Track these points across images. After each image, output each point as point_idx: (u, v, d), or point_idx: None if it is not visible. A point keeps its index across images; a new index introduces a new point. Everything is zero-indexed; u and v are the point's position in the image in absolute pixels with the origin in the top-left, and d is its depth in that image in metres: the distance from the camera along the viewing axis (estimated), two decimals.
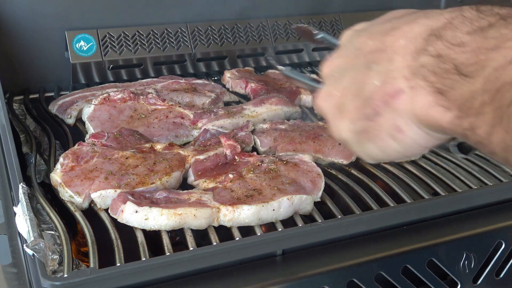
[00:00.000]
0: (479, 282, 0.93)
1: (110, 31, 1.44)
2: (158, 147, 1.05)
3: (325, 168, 1.08)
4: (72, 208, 0.91)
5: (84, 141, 1.06)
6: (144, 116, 1.19)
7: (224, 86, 1.45)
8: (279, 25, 1.62)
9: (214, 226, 0.88)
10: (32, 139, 1.14)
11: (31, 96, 1.38)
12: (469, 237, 0.91)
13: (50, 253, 0.78)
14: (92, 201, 0.92)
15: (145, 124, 1.17)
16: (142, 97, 1.23)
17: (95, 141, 1.04)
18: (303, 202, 0.93)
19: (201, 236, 0.87)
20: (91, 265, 0.78)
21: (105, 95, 1.21)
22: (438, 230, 0.92)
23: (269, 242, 0.83)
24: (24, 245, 0.78)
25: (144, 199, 0.89)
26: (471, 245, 0.91)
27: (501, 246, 0.93)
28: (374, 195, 0.99)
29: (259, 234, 0.86)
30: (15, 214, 0.86)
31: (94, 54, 1.42)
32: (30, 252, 0.77)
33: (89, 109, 1.18)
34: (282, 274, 0.81)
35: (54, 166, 0.98)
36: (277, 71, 1.54)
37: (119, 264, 0.78)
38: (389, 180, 1.04)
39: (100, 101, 1.20)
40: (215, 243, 0.84)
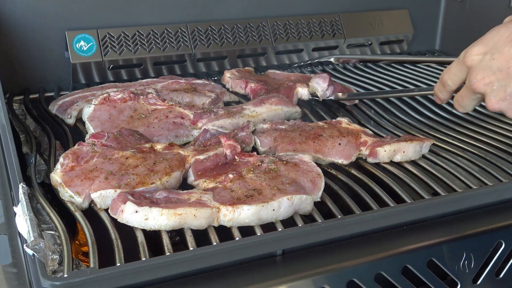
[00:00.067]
0: (479, 282, 0.93)
1: (110, 31, 1.44)
2: (158, 147, 1.05)
3: (325, 168, 1.08)
4: (72, 208, 0.91)
5: (84, 141, 1.06)
6: (144, 116, 1.19)
7: (224, 86, 1.45)
8: (279, 25, 1.62)
9: (214, 226, 0.88)
10: (32, 139, 1.14)
11: (31, 96, 1.39)
12: (469, 237, 0.91)
13: (50, 253, 0.78)
14: (92, 201, 0.92)
15: (145, 124, 1.17)
16: (142, 97, 1.23)
17: (95, 141, 1.05)
18: (303, 202, 0.93)
19: (201, 236, 0.87)
20: (91, 265, 0.78)
21: (105, 95, 1.21)
22: (438, 230, 0.92)
23: (269, 242, 0.83)
24: (24, 245, 0.78)
25: (144, 199, 0.89)
26: (471, 245, 0.91)
27: (501, 246, 0.93)
28: (374, 195, 0.99)
29: (259, 234, 0.86)
30: (15, 214, 0.86)
31: (94, 54, 1.42)
32: (30, 252, 0.76)
33: (89, 109, 1.18)
34: (282, 274, 0.81)
35: (54, 166, 0.98)
36: (277, 71, 1.54)
37: (119, 264, 0.78)
38: (389, 180, 1.04)
39: (100, 101, 1.20)
40: (215, 243, 0.84)
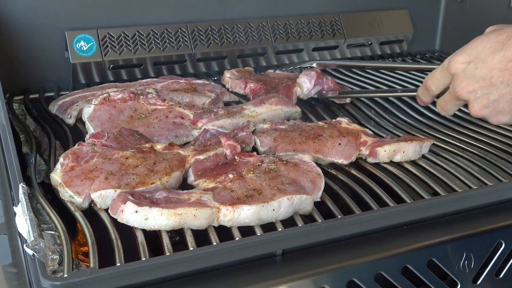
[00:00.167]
0: (479, 282, 0.93)
1: (110, 31, 1.44)
2: (158, 147, 1.05)
3: (325, 168, 1.08)
4: (72, 208, 0.91)
5: (84, 141, 1.06)
6: (144, 116, 1.19)
7: (224, 86, 1.45)
8: (279, 25, 1.62)
9: (214, 226, 0.88)
10: (32, 139, 1.14)
11: (31, 96, 1.38)
12: (469, 237, 0.91)
13: (50, 253, 0.78)
14: (92, 201, 0.92)
15: (145, 124, 1.17)
16: (142, 97, 1.23)
17: (95, 141, 1.04)
18: (303, 202, 0.93)
19: (201, 236, 0.87)
20: (91, 265, 0.78)
21: (105, 95, 1.21)
22: (438, 230, 0.92)
23: (269, 242, 0.83)
24: (24, 245, 0.78)
25: (144, 199, 0.89)
26: (471, 245, 0.91)
27: (501, 246, 0.93)
28: (374, 195, 0.99)
29: (259, 234, 0.86)
30: (15, 214, 0.86)
31: (94, 54, 1.42)
32: (30, 252, 0.76)
33: (89, 109, 1.18)
34: (282, 274, 0.81)
35: (54, 166, 0.98)
36: (277, 71, 1.54)
37: (119, 264, 0.78)
38: (389, 180, 1.04)
39: (100, 101, 1.20)
40: (215, 243, 0.84)
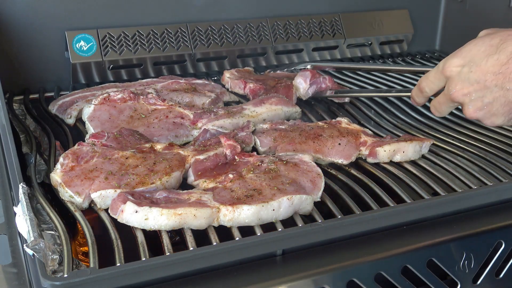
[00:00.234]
0: (479, 282, 0.93)
1: (110, 31, 1.44)
2: (158, 147, 1.05)
3: (325, 168, 1.08)
4: (72, 208, 0.91)
5: (84, 141, 1.06)
6: (144, 116, 1.19)
7: (224, 86, 1.45)
8: (279, 25, 1.62)
9: (214, 226, 0.88)
10: (32, 139, 1.13)
11: (31, 96, 1.38)
12: (469, 237, 0.91)
13: (50, 253, 0.78)
14: (92, 201, 0.92)
15: (145, 124, 1.17)
16: (142, 97, 1.23)
17: (95, 141, 1.04)
18: (303, 202, 0.93)
19: (201, 236, 0.87)
20: (91, 265, 0.78)
21: (105, 95, 1.21)
22: (438, 230, 0.92)
23: (269, 242, 0.83)
24: (24, 245, 0.78)
25: (144, 199, 0.89)
26: (471, 245, 0.91)
27: (501, 246, 0.93)
28: (374, 195, 0.99)
29: (259, 234, 0.86)
30: (15, 214, 0.86)
31: (94, 54, 1.42)
32: (30, 252, 0.76)
33: (89, 109, 1.18)
34: (282, 274, 0.81)
35: (54, 166, 0.98)
36: (277, 71, 1.54)
37: (119, 264, 0.78)
38: (389, 180, 1.04)
39: (100, 101, 1.20)
40: (215, 243, 0.84)
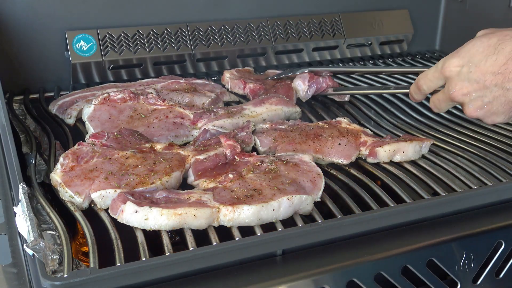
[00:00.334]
0: (479, 282, 0.93)
1: (110, 31, 1.44)
2: (158, 147, 1.05)
3: (325, 168, 1.08)
4: (72, 208, 0.91)
5: (84, 141, 1.06)
6: (144, 116, 1.19)
7: (224, 86, 1.45)
8: (279, 25, 1.62)
9: (214, 226, 0.88)
10: (32, 139, 1.13)
11: (31, 96, 1.38)
12: (469, 237, 0.91)
13: (50, 253, 0.78)
14: (92, 201, 0.92)
15: (145, 124, 1.17)
16: (142, 97, 1.23)
17: (95, 141, 1.04)
18: (303, 202, 0.93)
19: (201, 236, 0.87)
20: (91, 265, 0.78)
21: (105, 95, 1.21)
22: (438, 230, 0.92)
23: (269, 242, 0.83)
24: (24, 245, 0.78)
25: (144, 199, 0.89)
26: (471, 245, 0.91)
27: (501, 246, 0.93)
28: (374, 195, 0.99)
29: (259, 234, 0.86)
30: (15, 214, 0.86)
31: (94, 54, 1.42)
32: (30, 252, 0.76)
33: (89, 109, 1.18)
34: (282, 274, 0.81)
35: (54, 166, 0.98)
36: (276, 71, 1.54)
37: (119, 264, 0.78)
38: (389, 180, 1.04)
39: (100, 101, 1.20)
40: (215, 243, 0.84)
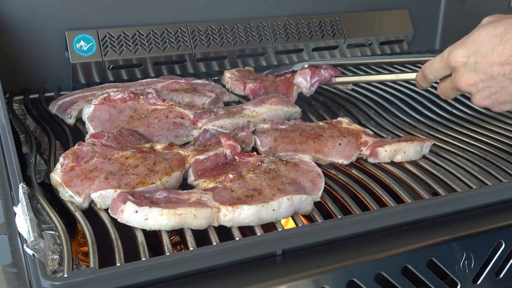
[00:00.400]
0: (479, 282, 0.93)
1: (110, 31, 1.44)
2: (158, 147, 1.05)
3: (325, 168, 1.08)
4: (72, 208, 0.91)
5: (84, 141, 1.06)
6: (144, 116, 1.19)
7: (224, 86, 1.45)
8: (279, 25, 1.62)
9: (214, 226, 0.88)
10: (32, 139, 1.13)
11: (31, 96, 1.38)
12: (469, 237, 0.91)
13: (50, 253, 0.78)
14: (92, 201, 0.92)
15: (145, 124, 1.17)
16: (142, 97, 1.23)
17: (95, 141, 1.04)
18: (303, 202, 0.93)
19: (201, 236, 0.87)
20: (91, 265, 0.78)
21: (105, 95, 1.21)
22: (438, 230, 0.92)
23: (269, 242, 0.83)
24: (24, 245, 0.78)
25: (144, 199, 0.89)
26: (471, 245, 0.91)
27: (501, 246, 0.93)
28: (374, 195, 0.99)
29: (259, 234, 0.86)
30: (15, 214, 0.86)
31: (94, 54, 1.42)
32: (30, 252, 0.76)
33: (89, 109, 1.18)
34: (282, 274, 0.81)
35: (54, 166, 0.98)
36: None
37: (119, 264, 0.78)
38: (389, 180, 1.04)
39: (100, 101, 1.20)
40: (215, 243, 0.84)
